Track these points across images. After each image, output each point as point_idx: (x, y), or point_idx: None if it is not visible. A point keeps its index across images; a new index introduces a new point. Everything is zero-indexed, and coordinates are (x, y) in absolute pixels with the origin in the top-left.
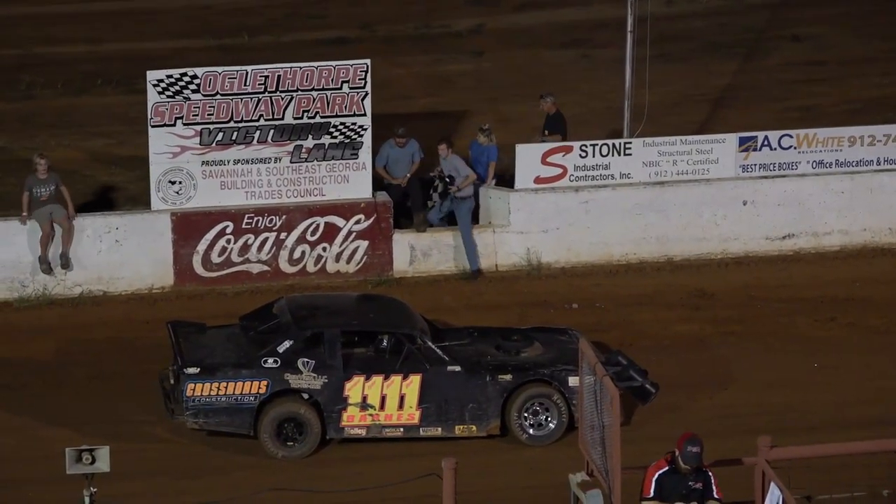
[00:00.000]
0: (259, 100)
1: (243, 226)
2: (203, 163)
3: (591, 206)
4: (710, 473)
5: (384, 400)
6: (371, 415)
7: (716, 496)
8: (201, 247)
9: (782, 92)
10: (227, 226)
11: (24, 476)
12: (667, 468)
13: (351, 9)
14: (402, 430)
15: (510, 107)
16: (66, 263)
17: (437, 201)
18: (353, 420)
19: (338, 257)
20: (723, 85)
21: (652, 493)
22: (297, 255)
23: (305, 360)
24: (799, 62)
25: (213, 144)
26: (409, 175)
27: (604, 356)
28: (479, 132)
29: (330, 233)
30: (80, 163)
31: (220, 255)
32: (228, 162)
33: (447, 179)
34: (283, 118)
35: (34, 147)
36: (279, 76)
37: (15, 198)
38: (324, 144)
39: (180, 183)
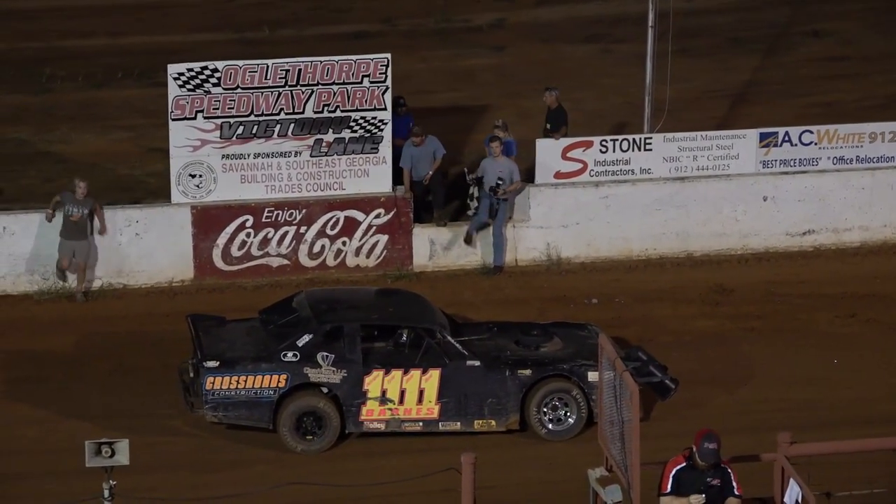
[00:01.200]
0: (280, 94)
1: (263, 219)
2: (223, 156)
3: (611, 202)
4: (730, 470)
5: (403, 394)
6: (390, 409)
7: (736, 493)
8: (221, 240)
9: (803, 88)
10: (247, 219)
11: (45, 468)
12: (684, 464)
13: (372, 3)
14: (421, 424)
15: (531, 101)
16: (82, 298)
17: (476, 206)
18: (372, 414)
19: (357, 251)
20: (744, 80)
21: (669, 489)
22: (316, 248)
23: (325, 353)
24: (820, 58)
25: (234, 138)
26: (430, 172)
27: (623, 352)
28: (494, 128)
29: (350, 227)
30: (101, 156)
31: (239, 249)
32: (249, 156)
33: (499, 182)
34: (303, 112)
35: (56, 140)
36: (300, 70)
37: (35, 189)
38: (344, 138)
39: (200, 176)
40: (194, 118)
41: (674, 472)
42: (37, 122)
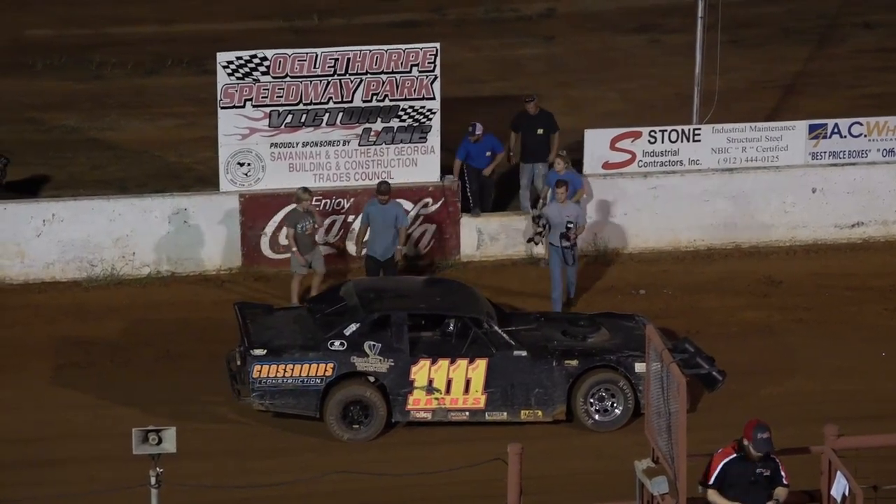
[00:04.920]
0: (328, 82)
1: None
2: (272, 145)
3: (659, 192)
4: (778, 460)
5: (450, 384)
6: (437, 398)
7: (784, 482)
8: (269, 228)
9: (853, 79)
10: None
11: (93, 454)
12: (734, 455)
13: None
14: (467, 414)
15: (580, 91)
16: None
17: (541, 226)
18: (418, 404)
19: (405, 240)
20: (793, 72)
21: (713, 481)
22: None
23: (372, 343)
24: (871, 49)
25: (282, 127)
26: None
27: (671, 343)
28: (557, 158)
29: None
30: (150, 143)
31: (287, 238)
32: (297, 144)
33: (569, 226)
34: (352, 101)
35: (105, 127)
36: (349, 59)
37: (84, 177)
38: (392, 128)
39: (249, 165)
40: (243, 106)
41: (723, 463)
42: (86, 110)
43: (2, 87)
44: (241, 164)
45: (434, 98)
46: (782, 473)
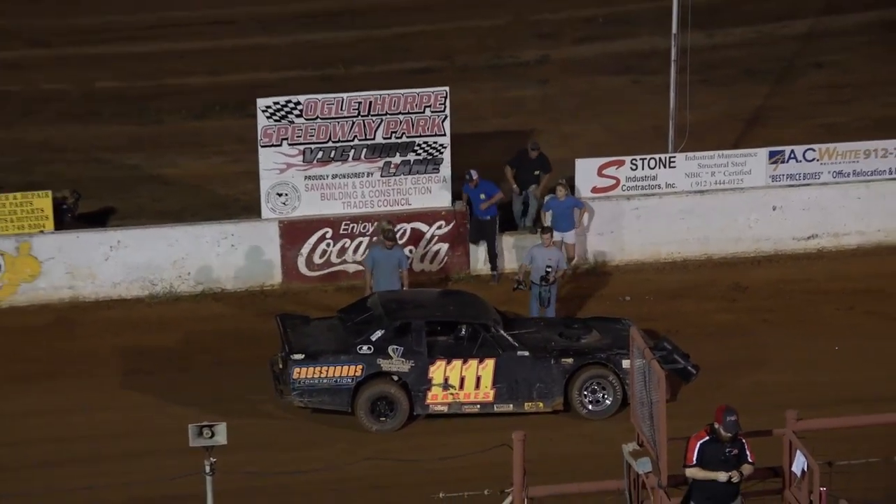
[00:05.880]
0: (353, 123)
1: (341, 231)
2: (306, 177)
3: (641, 212)
4: (745, 441)
5: (463, 381)
6: (452, 394)
7: (750, 460)
8: (305, 250)
9: (807, 112)
10: (327, 231)
11: (155, 447)
12: (707, 438)
13: (433, 42)
14: (478, 406)
15: (571, 126)
16: None
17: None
18: (436, 398)
19: (422, 258)
20: (756, 106)
21: (695, 461)
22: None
23: (395, 346)
24: (822, 86)
25: (315, 161)
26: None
27: (652, 342)
28: (557, 186)
29: (415, 237)
30: (202, 178)
31: (321, 257)
32: (327, 176)
33: (548, 269)
34: (374, 138)
35: (163, 165)
36: (371, 102)
37: (146, 207)
38: (409, 161)
39: (286, 195)
40: (280, 145)
41: (699, 445)
42: (147, 150)
43: (75, 132)
44: (280, 195)
45: (445, 134)
46: (748, 452)
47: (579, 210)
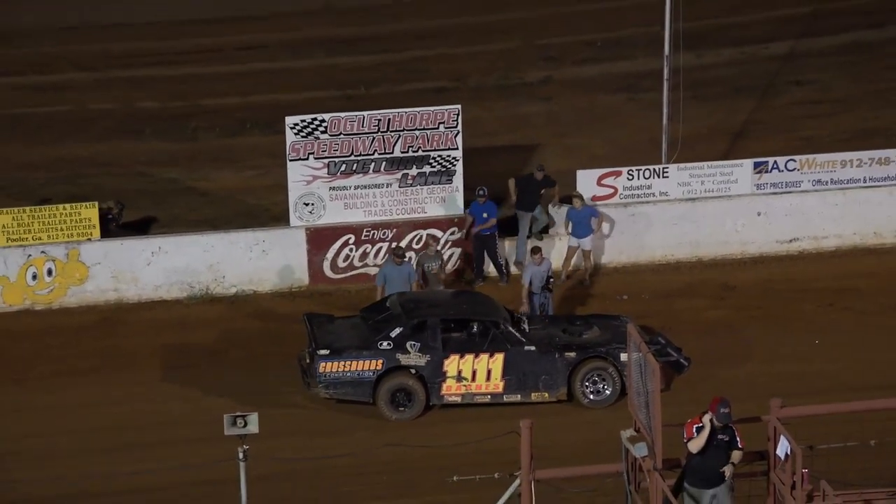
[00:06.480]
0: (374, 138)
1: (362, 237)
2: (330, 188)
3: (637, 218)
4: (734, 428)
5: (475, 373)
6: (465, 385)
7: (739, 446)
8: (330, 254)
9: (789, 126)
10: (350, 238)
11: (192, 436)
12: (700, 424)
13: (447, 65)
14: (489, 397)
15: (573, 140)
16: None
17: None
18: (450, 390)
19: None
20: (742, 120)
21: (695, 435)
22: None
23: (413, 342)
24: (802, 102)
25: (338, 174)
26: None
27: (647, 337)
28: (574, 198)
29: (430, 242)
30: (235, 190)
31: (344, 261)
32: (350, 187)
33: (549, 279)
34: (392, 152)
35: (199, 178)
36: (389, 119)
37: (183, 217)
38: (425, 172)
39: (312, 205)
40: (307, 159)
41: (694, 429)
42: (185, 165)
43: (118, 148)
44: (307, 205)
45: (457, 149)
46: (738, 439)
47: (596, 219)
